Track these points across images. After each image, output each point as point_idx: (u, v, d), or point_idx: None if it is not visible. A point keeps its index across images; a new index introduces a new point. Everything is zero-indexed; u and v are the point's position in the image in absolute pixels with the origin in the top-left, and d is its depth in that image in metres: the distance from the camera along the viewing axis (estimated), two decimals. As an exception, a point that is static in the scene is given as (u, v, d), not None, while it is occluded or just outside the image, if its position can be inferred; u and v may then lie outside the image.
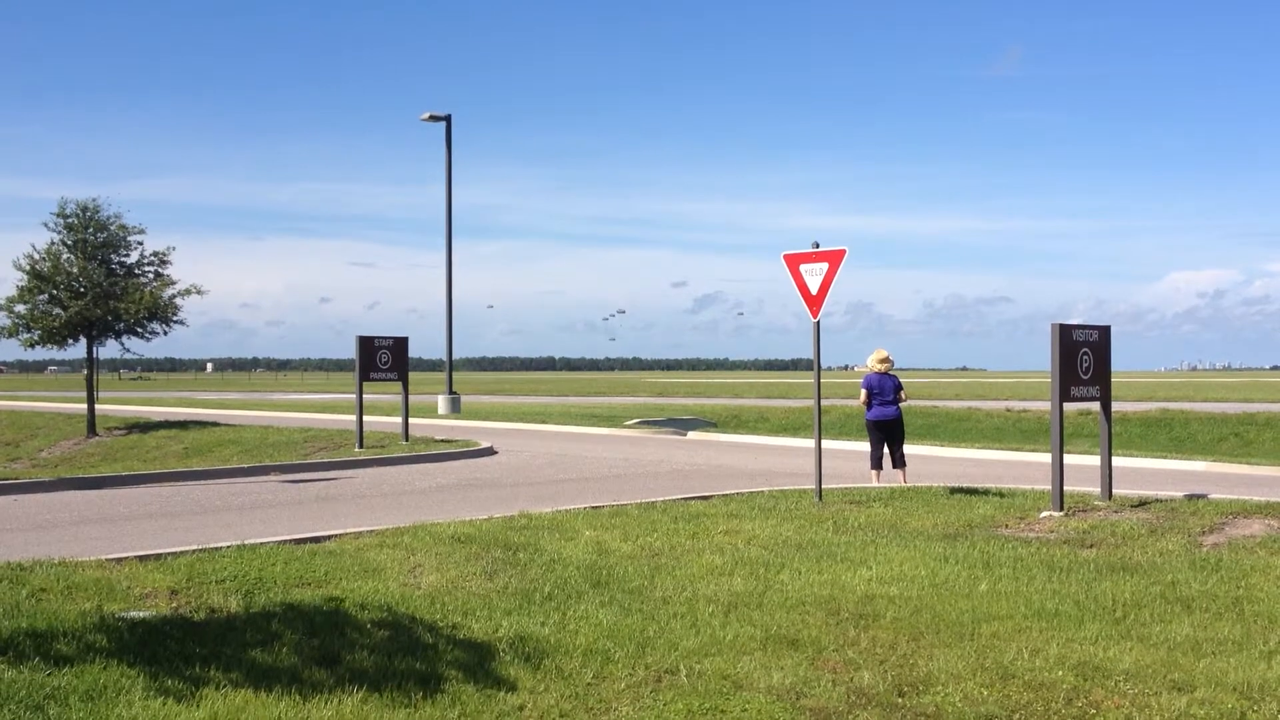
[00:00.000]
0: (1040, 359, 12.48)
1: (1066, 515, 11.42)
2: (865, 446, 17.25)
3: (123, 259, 25.84)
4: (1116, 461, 14.34)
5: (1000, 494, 13.26)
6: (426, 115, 35.76)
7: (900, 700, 6.07)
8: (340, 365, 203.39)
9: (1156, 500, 12.33)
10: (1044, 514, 11.53)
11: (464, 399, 38.57)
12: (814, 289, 13.02)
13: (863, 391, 15.60)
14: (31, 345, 25.62)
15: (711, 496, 13.62)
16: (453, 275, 36.06)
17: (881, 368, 15.39)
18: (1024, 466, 18.69)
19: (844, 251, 12.87)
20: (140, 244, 26.00)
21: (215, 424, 27.73)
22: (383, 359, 22.06)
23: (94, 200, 25.36)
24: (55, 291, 24.98)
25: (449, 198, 35.89)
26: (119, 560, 9.25)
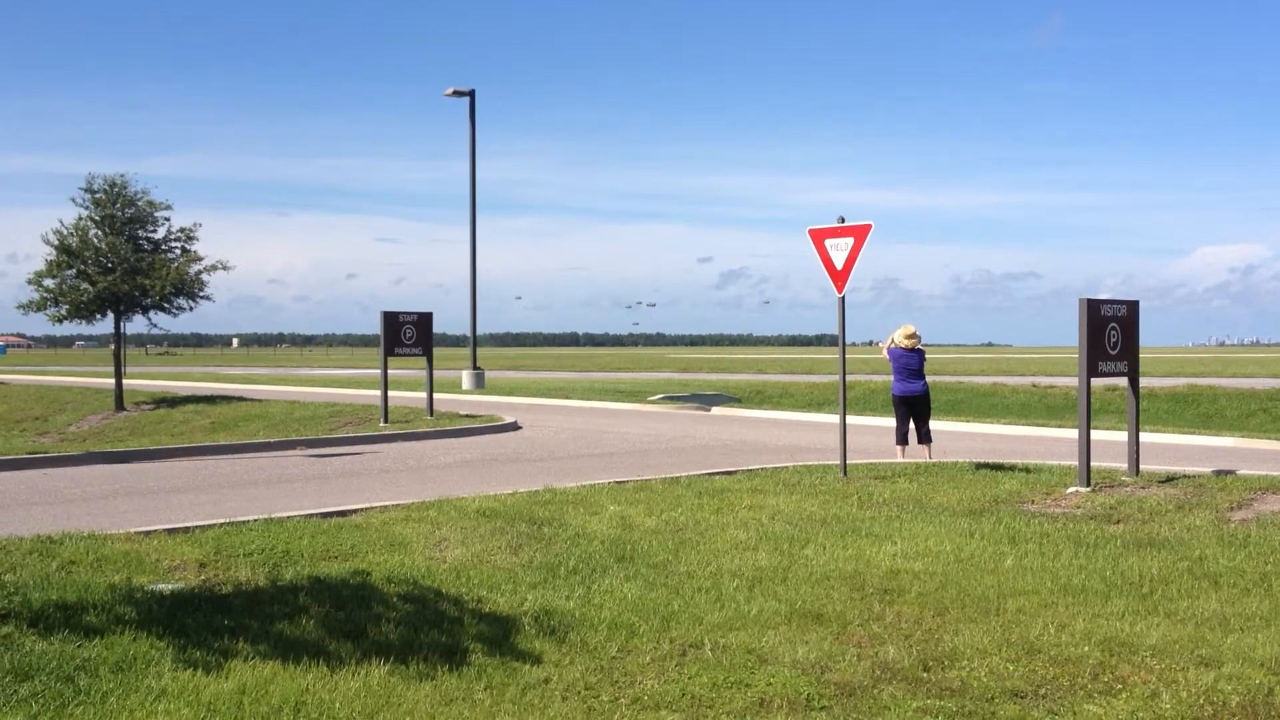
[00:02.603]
0: (1068, 334, 12.40)
1: (1093, 491, 11.36)
2: (890, 422, 17.20)
3: (150, 235, 25.96)
4: (1144, 437, 14.25)
5: (1026, 469, 13.20)
6: (450, 91, 35.64)
7: (925, 675, 6.06)
8: (366, 341, 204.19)
9: (1184, 476, 12.25)
10: (1070, 490, 11.48)
11: (488, 374, 38.64)
12: (839, 264, 12.96)
13: (884, 350, 15.56)
14: (59, 320, 25.81)
15: (736, 472, 13.62)
16: (477, 251, 36.02)
17: (908, 344, 15.32)
18: (1050, 442, 18.59)
19: (869, 226, 12.79)
20: (167, 220, 26.11)
21: (242, 399, 27.89)
22: (407, 334, 22.11)
23: (121, 176, 25.47)
24: (83, 267, 25.12)
25: (473, 174, 35.84)
26: (147, 533, 9.34)
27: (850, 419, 15.59)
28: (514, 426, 21.89)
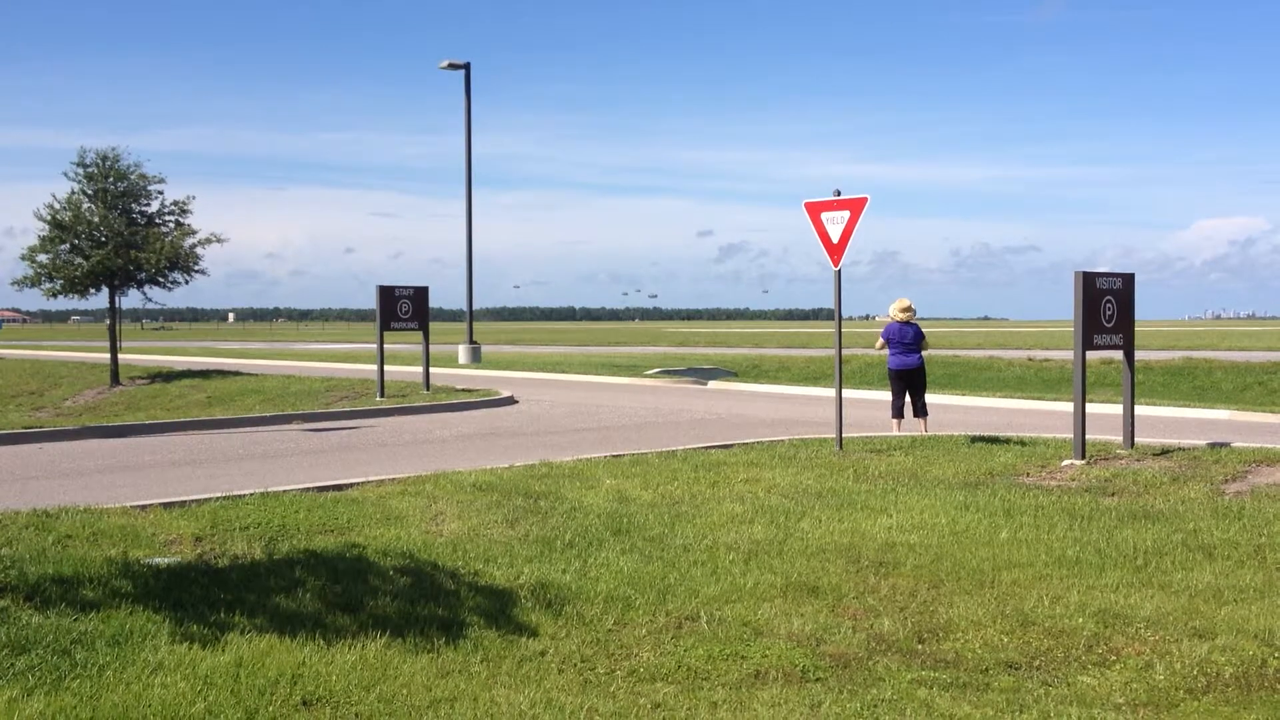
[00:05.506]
0: (1066, 308, 12.41)
1: (1088, 463, 11.38)
2: (886, 396, 17.21)
3: (143, 208, 25.84)
4: (1139, 410, 14.25)
5: (1022, 442, 13.21)
6: (445, 64, 35.49)
7: (920, 647, 6.08)
8: (362, 315, 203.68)
9: (1179, 448, 12.26)
10: (1066, 462, 11.50)
11: (484, 349, 38.62)
12: (835, 237, 12.93)
13: (879, 339, 15.55)
14: (54, 295, 25.71)
15: (732, 445, 13.63)
16: (473, 226, 35.97)
17: (903, 317, 15.30)
18: (1046, 415, 18.61)
19: (865, 199, 12.75)
20: (161, 193, 25.98)
21: (237, 373, 27.85)
22: (403, 309, 22.07)
23: (114, 149, 25.32)
24: (76, 241, 25.01)
25: (469, 147, 35.73)
26: (144, 507, 9.34)
27: (846, 393, 15.59)
28: (510, 401, 21.88)
